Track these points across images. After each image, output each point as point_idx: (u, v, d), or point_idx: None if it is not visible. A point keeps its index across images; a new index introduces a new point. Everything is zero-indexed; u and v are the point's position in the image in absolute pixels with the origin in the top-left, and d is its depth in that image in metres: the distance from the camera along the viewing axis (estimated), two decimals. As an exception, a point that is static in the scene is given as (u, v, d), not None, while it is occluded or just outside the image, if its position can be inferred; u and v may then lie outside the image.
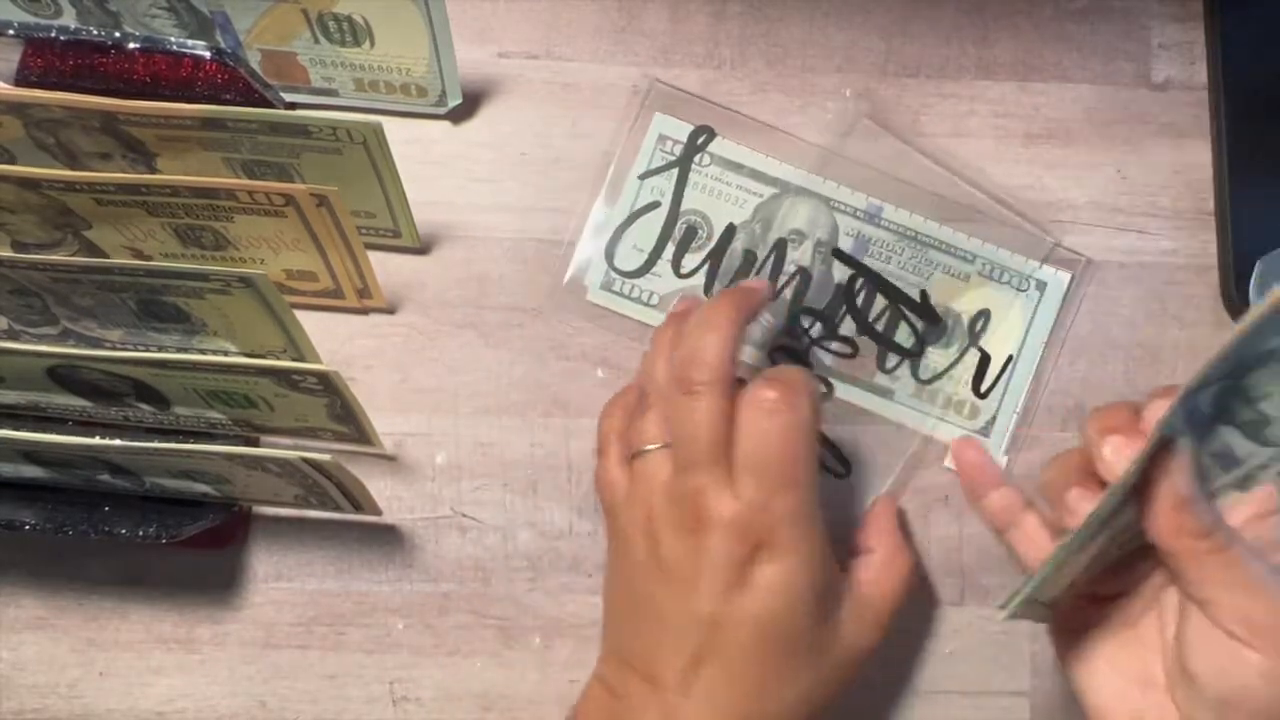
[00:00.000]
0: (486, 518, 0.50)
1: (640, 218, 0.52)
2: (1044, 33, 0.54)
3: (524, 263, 0.52)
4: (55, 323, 0.46)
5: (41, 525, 0.45)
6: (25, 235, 0.46)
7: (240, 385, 0.43)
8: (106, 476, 0.44)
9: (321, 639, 0.49)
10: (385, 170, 0.45)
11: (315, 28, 0.47)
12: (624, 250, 0.52)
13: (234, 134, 0.43)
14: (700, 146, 0.52)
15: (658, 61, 0.54)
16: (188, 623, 0.49)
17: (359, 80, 0.50)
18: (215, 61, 0.43)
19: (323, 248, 0.46)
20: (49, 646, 0.48)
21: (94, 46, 0.43)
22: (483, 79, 0.53)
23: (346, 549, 0.49)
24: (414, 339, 0.51)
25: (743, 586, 0.39)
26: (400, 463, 0.50)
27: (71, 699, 0.48)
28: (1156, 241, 0.52)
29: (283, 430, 0.48)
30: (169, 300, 0.43)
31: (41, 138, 0.44)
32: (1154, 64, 0.54)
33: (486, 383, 0.51)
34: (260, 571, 0.49)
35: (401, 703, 0.48)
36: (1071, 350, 0.51)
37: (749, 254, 0.51)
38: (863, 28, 0.54)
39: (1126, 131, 0.53)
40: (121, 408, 0.45)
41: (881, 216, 0.51)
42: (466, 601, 0.49)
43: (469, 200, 0.52)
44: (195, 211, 0.44)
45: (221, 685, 0.48)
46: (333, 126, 0.42)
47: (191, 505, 0.46)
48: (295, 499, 0.46)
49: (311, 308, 0.50)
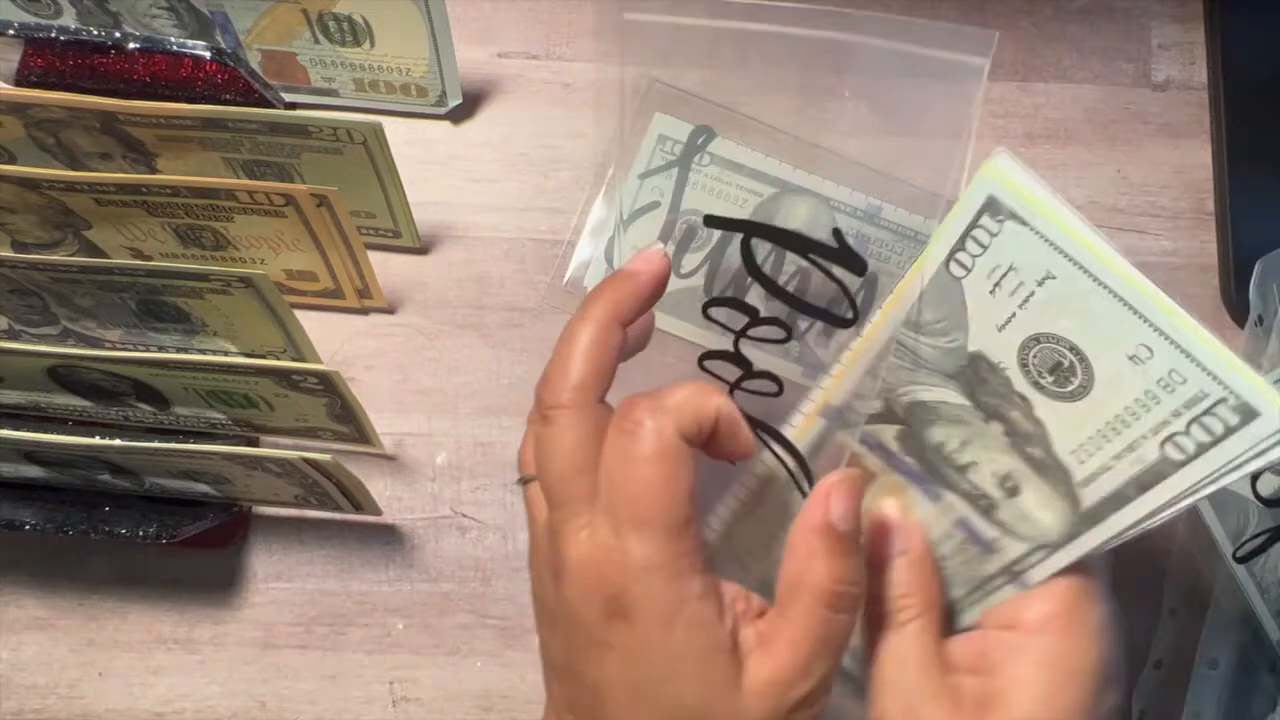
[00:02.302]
0: (486, 518, 0.50)
1: (640, 218, 0.52)
2: (1044, 33, 0.54)
3: (523, 263, 0.52)
4: (55, 323, 0.46)
5: (41, 525, 0.45)
6: (25, 235, 0.46)
7: (240, 385, 0.43)
8: (106, 476, 0.44)
9: (321, 639, 0.49)
10: (385, 170, 0.45)
11: (315, 28, 0.47)
12: (624, 250, 0.52)
13: (234, 134, 0.43)
14: (700, 146, 0.52)
15: (658, 62, 0.54)
16: (188, 623, 0.49)
17: (359, 80, 0.50)
18: (215, 61, 0.43)
19: (323, 248, 0.46)
20: (49, 646, 0.48)
21: (94, 46, 0.43)
22: (483, 79, 0.53)
23: (346, 549, 0.49)
24: (414, 339, 0.51)
25: (606, 646, 0.31)
26: (400, 463, 0.50)
27: (71, 699, 0.48)
28: (1156, 241, 0.52)
29: (283, 430, 0.48)
30: (169, 300, 0.43)
31: (42, 138, 0.44)
32: (1154, 64, 0.54)
33: (486, 383, 0.51)
34: (260, 571, 0.49)
35: (401, 703, 0.48)
36: (1071, 350, 0.51)
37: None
38: (863, 28, 0.54)
39: (1126, 131, 0.53)
40: (121, 408, 0.45)
41: (881, 216, 0.51)
42: (466, 601, 0.49)
43: (469, 200, 0.52)
44: (195, 211, 0.44)
45: (221, 685, 0.48)
46: (333, 126, 0.42)
47: (191, 505, 0.46)
48: (295, 499, 0.46)
49: (311, 308, 0.50)
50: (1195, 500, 0.30)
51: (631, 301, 0.34)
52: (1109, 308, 0.29)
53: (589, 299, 0.34)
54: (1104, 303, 0.29)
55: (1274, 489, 0.47)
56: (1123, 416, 0.30)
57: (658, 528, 0.31)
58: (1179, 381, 0.29)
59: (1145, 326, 0.29)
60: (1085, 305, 0.29)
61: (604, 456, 0.32)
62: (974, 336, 0.32)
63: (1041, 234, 0.30)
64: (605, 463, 0.31)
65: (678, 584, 0.31)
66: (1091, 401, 0.30)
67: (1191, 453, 0.29)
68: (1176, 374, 0.29)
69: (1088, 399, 0.30)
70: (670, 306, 0.51)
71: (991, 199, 0.30)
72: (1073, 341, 0.30)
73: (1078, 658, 0.32)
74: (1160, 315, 0.29)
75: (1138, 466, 0.30)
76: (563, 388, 0.32)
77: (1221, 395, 0.28)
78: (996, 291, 0.31)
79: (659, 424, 0.31)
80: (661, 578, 0.31)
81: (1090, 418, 0.31)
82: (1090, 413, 0.31)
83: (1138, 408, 0.30)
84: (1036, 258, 0.30)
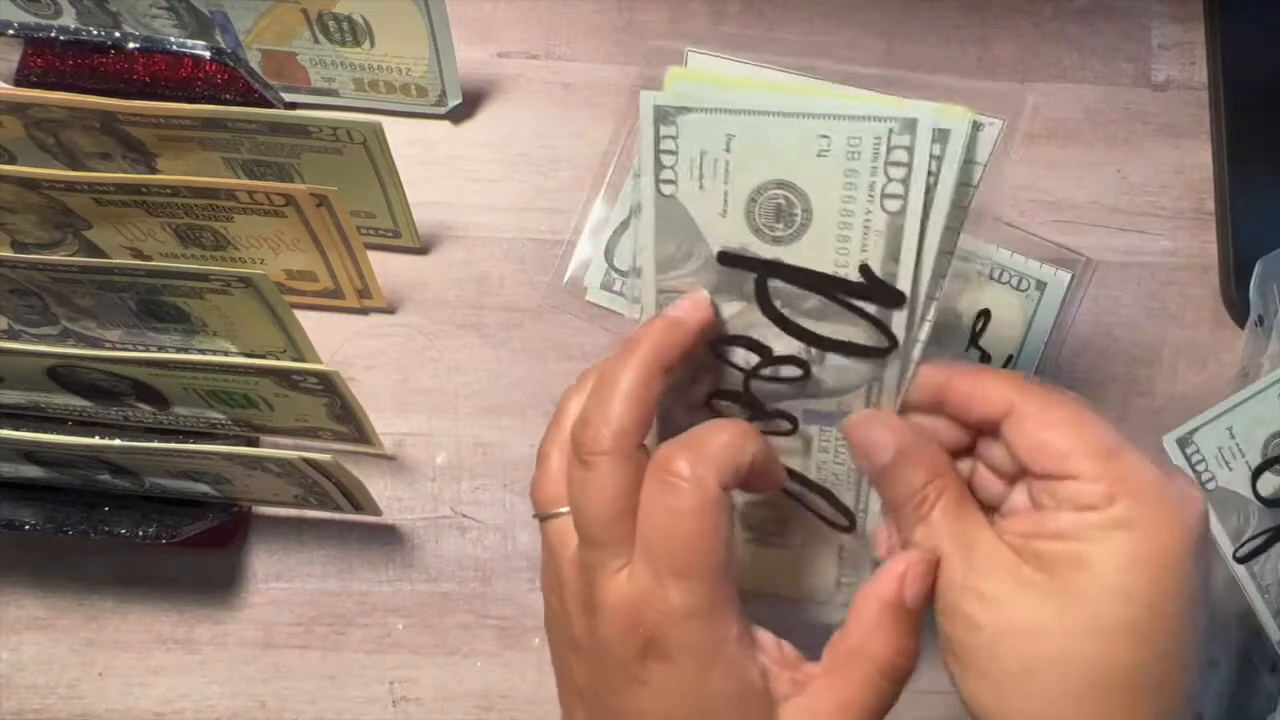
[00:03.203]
0: (486, 518, 0.50)
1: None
2: (1044, 33, 0.54)
3: (523, 263, 0.52)
4: (55, 323, 0.46)
5: (41, 525, 0.45)
6: (25, 235, 0.46)
7: (240, 385, 0.43)
8: (106, 476, 0.44)
9: (321, 639, 0.49)
10: (385, 170, 0.45)
11: (315, 28, 0.47)
12: (624, 250, 0.52)
13: (234, 134, 0.43)
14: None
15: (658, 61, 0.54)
16: (188, 623, 0.49)
17: (359, 80, 0.50)
18: (215, 61, 0.43)
19: (323, 248, 0.46)
20: (49, 646, 0.48)
21: (94, 46, 0.43)
22: (483, 79, 0.53)
23: (346, 549, 0.49)
24: (414, 339, 0.51)
25: (640, 682, 0.32)
26: (400, 463, 0.50)
27: (71, 699, 0.48)
28: (1156, 241, 0.52)
29: (283, 430, 0.48)
30: (169, 300, 0.43)
31: (42, 138, 0.44)
32: (1154, 64, 0.54)
33: (486, 383, 0.51)
34: (260, 571, 0.49)
35: (401, 703, 0.48)
36: (1071, 350, 0.51)
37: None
38: (863, 27, 0.54)
39: (1126, 131, 0.53)
40: (121, 408, 0.45)
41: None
42: (466, 601, 0.49)
43: (469, 200, 0.52)
44: (195, 211, 0.44)
45: (221, 685, 0.48)
46: (333, 126, 0.42)
47: (191, 505, 0.46)
48: (295, 499, 0.46)
49: (311, 308, 0.50)
50: (952, 236, 0.31)
51: (677, 350, 0.33)
52: (778, 128, 0.31)
53: (633, 342, 0.33)
54: (773, 127, 0.31)
55: (1274, 489, 0.47)
56: (844, 208, 0.31)
57: (698, 576, 0.31)
58: (858, 144, 0.30)
59: (811, 121, 0.30)
60: (764, 139, 0.31)
61: (644, 505, 0.32)
62: (711, 237, 0.33)
63: (704, 109, 0.31)
64: (645, 512, 0.32)
65: (716, 629, 0.32)
66: (819, 216, 0.32)
67: (903, 191, 0.31)
68: (853, 139, 0.30)
69: (815, 218, 0.32)
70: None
71: (658, 109, 0.31)
72: (775, 178, 0.31)
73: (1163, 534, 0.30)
74: (815, 106, 0.30)
75: (881, 240, 0.31)
76: (604, 434, 0.32)
77: (886, 129, 0.30)
78: (704, 182, 0.32)
79: (699, 476, 0.31)
80: (701, 624, 0.31)
81: (826, 232, 0.32)
82: (823, 228, 0.32)
83: (848, 191, 0.31)
84: (712, 130, 0.31)
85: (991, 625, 0.31)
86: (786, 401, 0.36)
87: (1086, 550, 0.30)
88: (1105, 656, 0.30)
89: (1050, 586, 0.30)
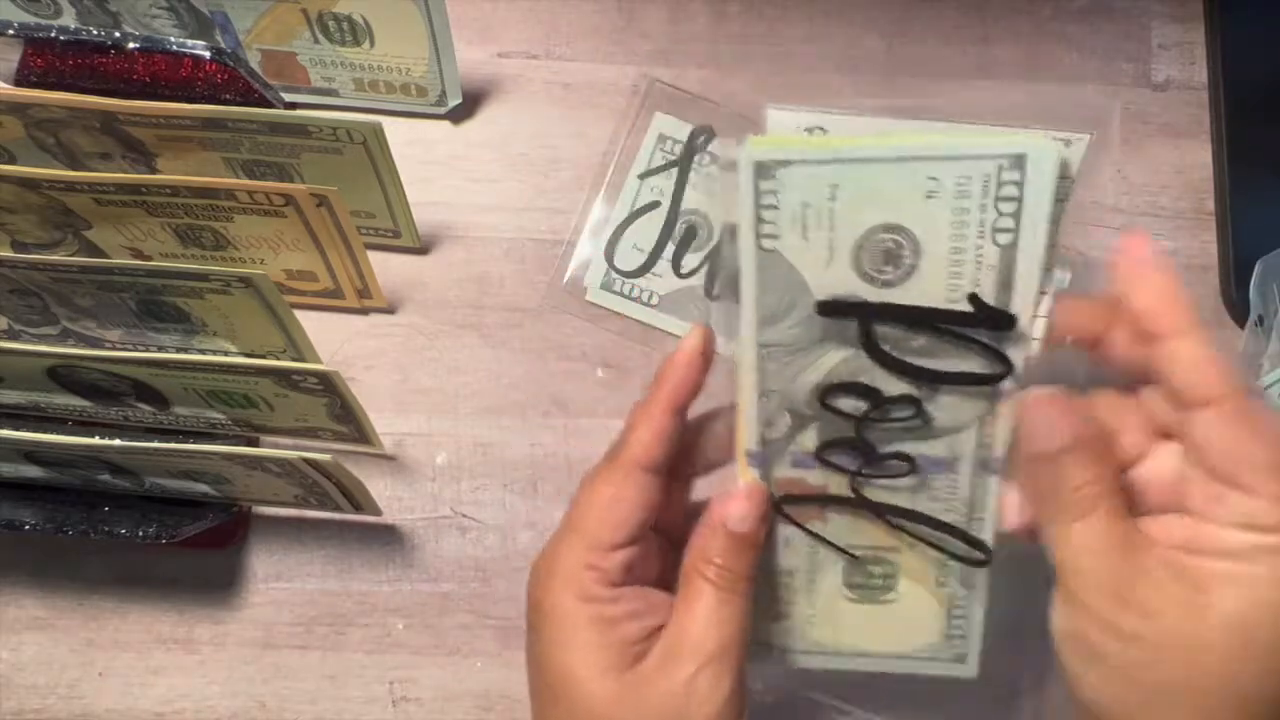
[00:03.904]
0: (486, 518, 0.50)
1: (640, 217, 0.52)
2: (1044, 33, 0.54)
3: (523, 263, 0.52)
4: (55, 323, 0.46)
5: (41, 525, 0.45)
6: (25, 235, 0.46)
7: (240, 385, 0.43)
8: (106, 476, 0.44)
9: (321, 639, 0.49)
10: (385, 170, 0.45)
11: (315, 28, 0.47)
12: (624, 250, 0.52)
13: (234, 134, 0.43)
14: (700, 146, 0.52)
15: (658, 61, 0.54)
16: (187, 623, 0.49)
17: (359, 80, 0.50)
18: (215, 61, 0.43)
19: (323, 248, 0.46)
20: (49, 646, 0.48)
21: (94, 46, 0.43)
22: (483, 79, 0.53)
23: (346, 549, 0.49)
24: (414, 339, 0.51)
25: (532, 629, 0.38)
26: (400, 463, 0.50)
27: (71, 699, 0.48)
28: (1157, 241, 0.52)
29: (283, 430, 0.48)
30: (169, 300, 0.43)
31: (42, 138, 0.44)
32: (1154, 64, 0.54)
33: (486, 383, 0.51)
34: (260, 571, 0.49)
35: (401, 703, 0.48)
36: (1071, 350, 0.51)
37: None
38: (863, 27, 0.54)
39: (1126, 131, 0.53)
40: (121, 408, 0.45)
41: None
42: (466, 601, 0.49)
43: (469, 200, 0.52)
44: (195, 211, 0.44)
45: (221, 685, 0.48)
46: (333, 126, 0.42)
47: (191, 505, 0.46)
48: (295, 499, 0.46)
49: (311, 308, 0.50)
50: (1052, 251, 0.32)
51: (682, 402, 0.36)
52: (884, 173, 0.31)
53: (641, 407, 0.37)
54: (879, 173, 0.31)
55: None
56: (955, 246, 0.31)
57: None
58: (967, 182, 0.30)
59: (918, 164, 0.30)
60: (870, 186, 0.31)
61: None
62: (814, 287, 0.33)
63: (805, 160, 0.31)
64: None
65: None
66: (930, 256, 0.32)
67: (1013, 226, 0.31)
68: (962, 179, 0.30)
69: (925, 258, 0.32)
70: (670, 306, 0.51)
71: (758, 165, 0.31)
72: (883, 221, 0.31)
73: None
74: (921, 148, 0.30)
75: (994, 273, 0.31)
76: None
77: (995, 167, 0.30)
78: (807, 233, 0.32)
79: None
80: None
81: (938, 270, 0.32)
82: (934, 266, 0.32)
83: (959, 229, 0.31)
84: (816, 181, 0.31)
85: (1153, 637, 0.31)
86: (899, 444, 0.35)
87: (1252, 574, 0.30)
88: (1259, 682, 0.30)
89: (1213, 605, 0.30)
